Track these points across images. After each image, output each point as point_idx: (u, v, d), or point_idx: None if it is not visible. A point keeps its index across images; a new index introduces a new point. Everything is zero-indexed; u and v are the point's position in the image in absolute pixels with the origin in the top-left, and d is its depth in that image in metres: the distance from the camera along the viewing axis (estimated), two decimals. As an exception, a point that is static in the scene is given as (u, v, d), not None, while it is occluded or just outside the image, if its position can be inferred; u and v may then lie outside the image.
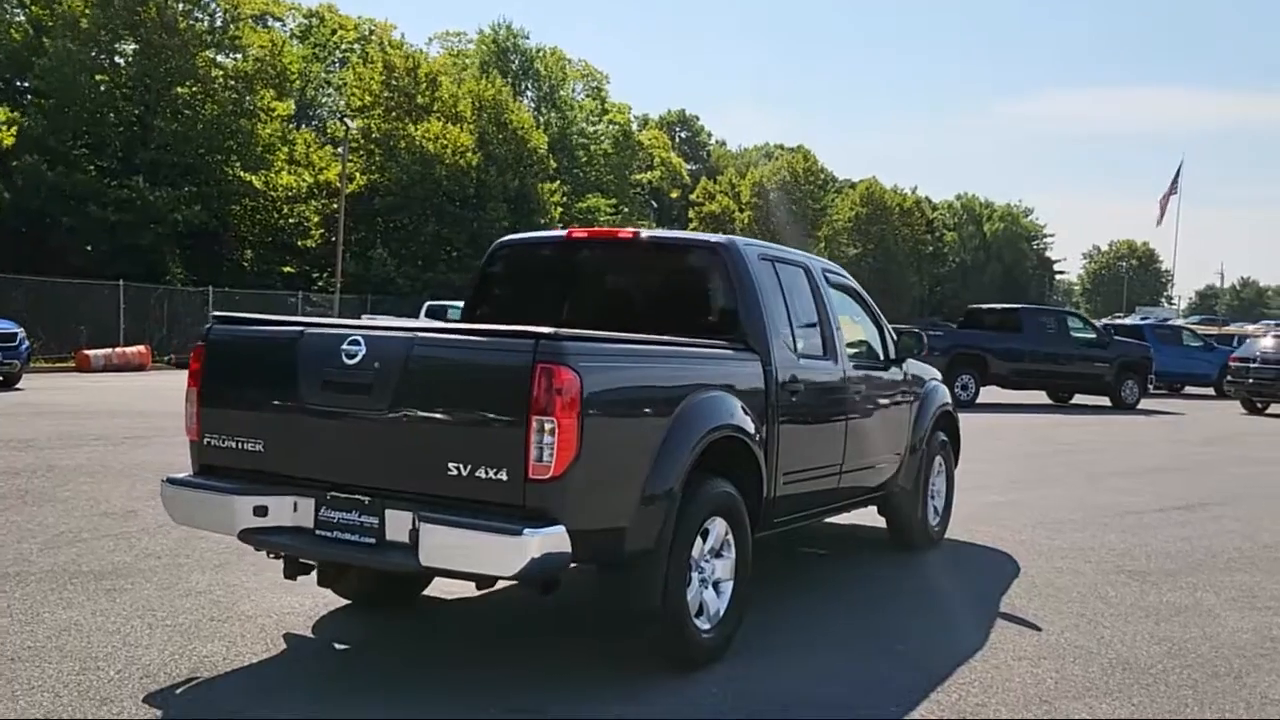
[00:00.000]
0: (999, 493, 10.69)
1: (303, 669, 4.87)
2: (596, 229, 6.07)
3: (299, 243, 40.37)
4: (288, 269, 39.94)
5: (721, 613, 5.03)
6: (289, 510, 4.61)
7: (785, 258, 6.16)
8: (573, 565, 4.22)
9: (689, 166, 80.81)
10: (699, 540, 4.86)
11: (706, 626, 4.94)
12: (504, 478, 4.13)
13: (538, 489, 4.10)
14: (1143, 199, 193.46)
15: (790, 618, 5.85)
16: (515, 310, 5.91)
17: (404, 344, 4.44)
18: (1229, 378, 25.55)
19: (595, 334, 4.50)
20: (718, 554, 5.04)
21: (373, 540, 4.42)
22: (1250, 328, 46.80)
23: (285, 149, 39.92)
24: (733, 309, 5.60)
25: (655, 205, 61.87)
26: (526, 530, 4.01)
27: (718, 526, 5.00)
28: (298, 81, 43.91)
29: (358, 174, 39.54)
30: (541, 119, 50.31)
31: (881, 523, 7.84)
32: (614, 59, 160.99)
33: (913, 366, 7.70)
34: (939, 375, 8.38)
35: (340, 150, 38.29)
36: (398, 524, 4.37)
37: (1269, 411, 23.86)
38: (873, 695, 4.77)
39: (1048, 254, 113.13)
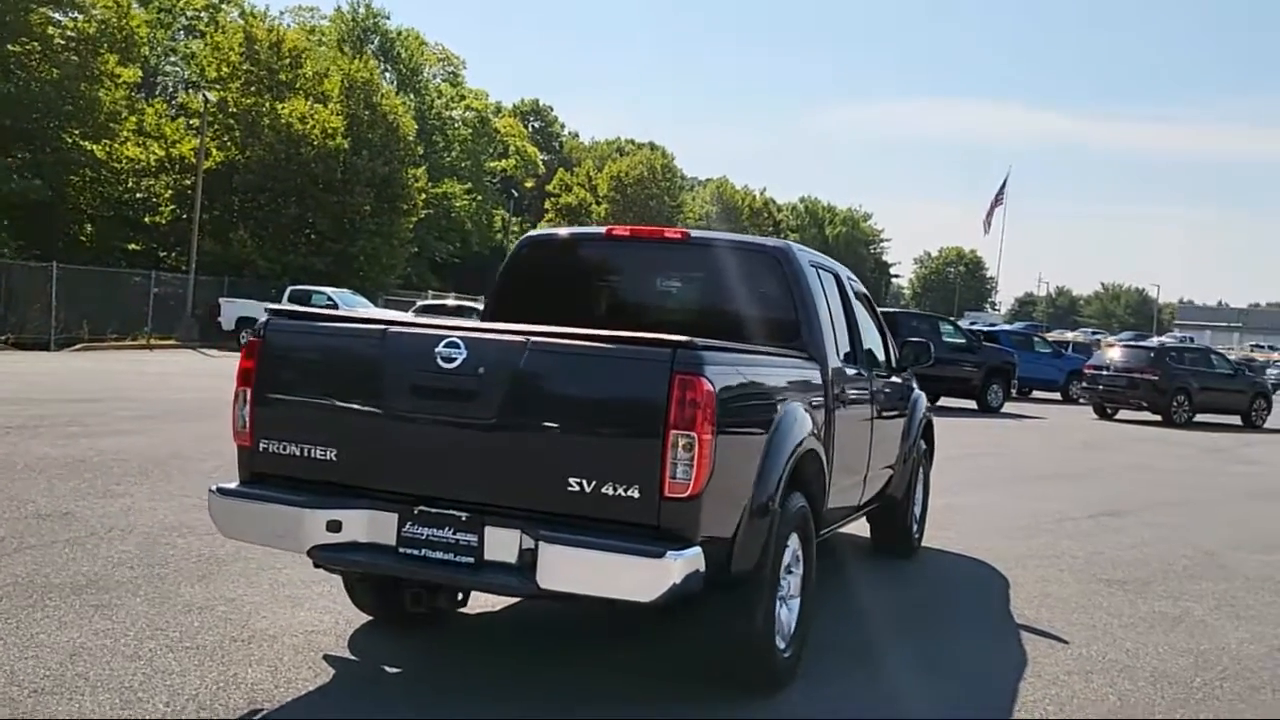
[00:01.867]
0: (937, 496, 10.86)
1: (370, 697, 4.48)
2: (639, 228, 5.78)
3: (147, 219, 38.10)
4: (133, 246, 37.64)
5: (793, 630, 4.88)
6: (366, 525, 4.22)
7: (823, 264, 6.06)
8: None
9: (543, 157, 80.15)
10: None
11: (783, 645, 4.78)
12: (635, 495, 3.86)
13: (673, 508, 3.85)
14: (972, 207, 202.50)
15: (822, 637, 5.73)
16: (543, 312, 5.59)
17: (515, 349, 4.10)
18: (1083, 384, 26.89)
19: (720, 343, 4.27)
20: (789, 569, 4.89)
21: (471, 560, 4.07)
22: (1110, 338, 49.72)
23: (133, 119, 37.58)
24: (793, 317, 5.44)
25: (515, 194, 61.02)
26: (670, 553, 3.76)
27: (793, 541, 4.84)
28: (144, 47, 41.43)
29: (214, 149, 37.59)
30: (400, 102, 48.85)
31: (850, 531, 7.80)
32: (469, 44, 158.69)
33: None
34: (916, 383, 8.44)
35: (195, 124, 36.34)
36: (499, 542, 4.04)
37: (1118, 417, 25.23)
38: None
39: (884, 258, 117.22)
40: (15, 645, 4.70)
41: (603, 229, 5.85)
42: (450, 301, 41.74)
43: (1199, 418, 24.80)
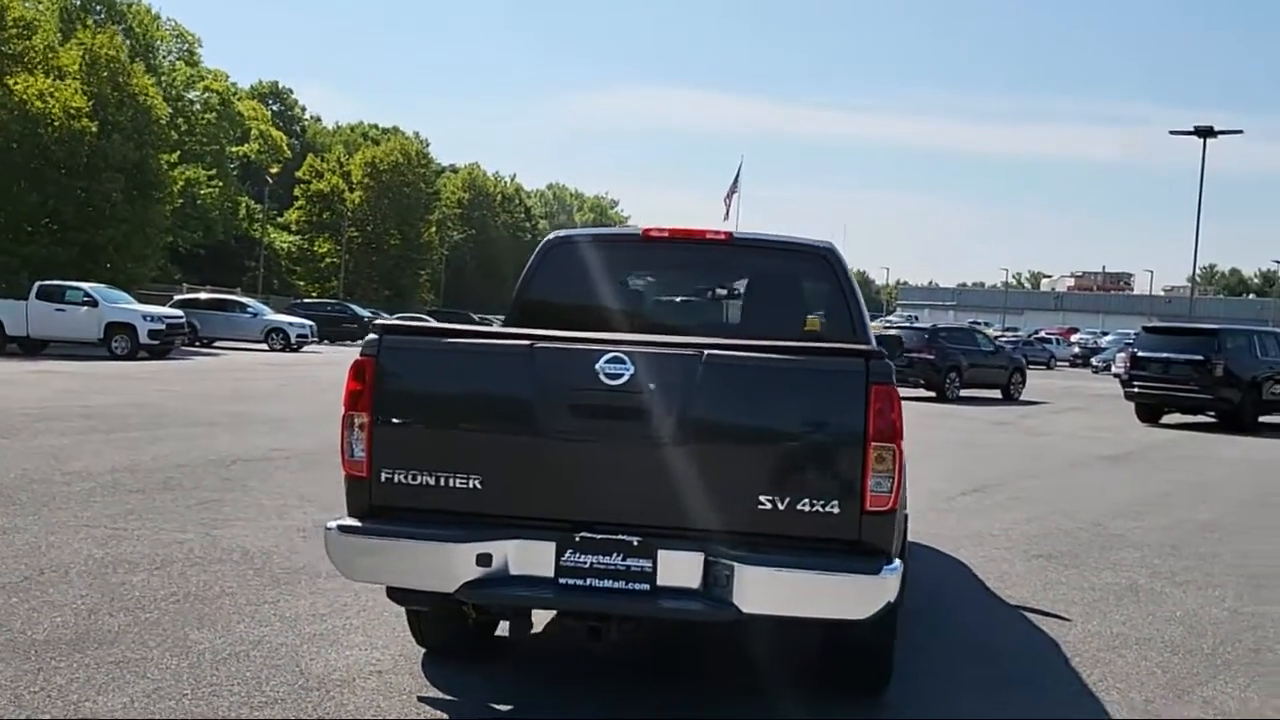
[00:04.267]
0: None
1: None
2: (678, 228, 5.61)
3: None
4: None
5: None
6: (517, 557, 3.90)
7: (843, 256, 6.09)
8: None
9: (288, 142, 76.56)
10: None
11: None
12: (835, 510, 3.76)
13: (874, 521, 3.78)
14: (711, 194, 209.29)
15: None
16: (573, 316, 5.38)
17: (687, 362, 3.89)
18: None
19: (882, 349, 4.21)
20: None
21: (646, 586, 3.85)
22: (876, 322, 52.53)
23: None
24: (846, 318, 5.45)
25: (269, 181, 57.91)
26: (886, 569, 3.69)
27: None
28: None
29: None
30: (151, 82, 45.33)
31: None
32: (201, 22, 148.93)
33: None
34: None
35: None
36: (674, 566, 3.83)
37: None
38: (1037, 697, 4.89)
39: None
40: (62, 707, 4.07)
41: (639, 229, 5.65)
42: (203, 296, 39.32)
43: (963, 392, 26.76)
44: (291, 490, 9.11)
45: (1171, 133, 42.88)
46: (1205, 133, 41.13)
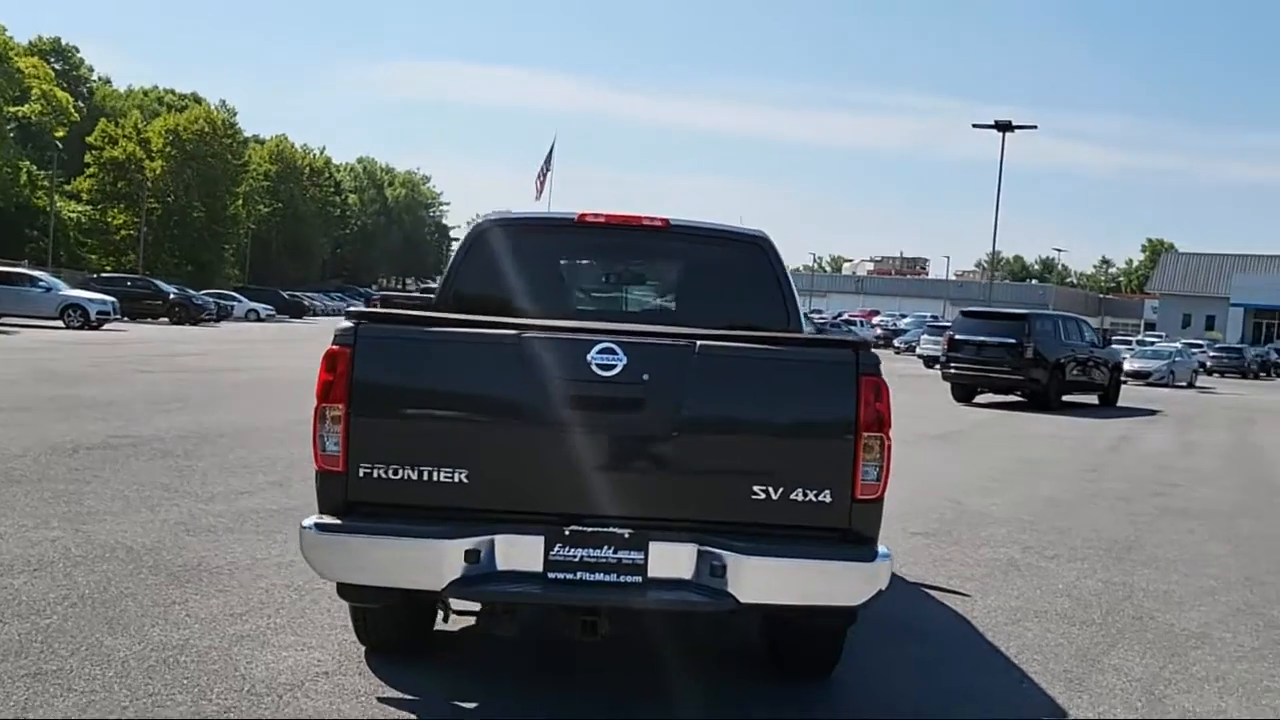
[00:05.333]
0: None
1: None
2: (614, 214, 5.54)
3: None
4: None
5: None
6: (505, 552, 3.80)
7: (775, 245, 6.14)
8: None
9: (75, 104, 71.60)
10: None
11: None
12: (827, 499, 3.82)
13: (863, 510, 3.87)
14: (521, 170, 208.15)
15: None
16: (505, 301, 5.28)
17: (680, 353, 3.86)
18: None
19: (869, 341, 4.28)
20: None
21: (638, 579, 3.82)
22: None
23: None
24: (780, 305, 5.51)
25: (58, 146, 53.91)
26: (879, 557, 3.78)
27: None
28: None
29: None
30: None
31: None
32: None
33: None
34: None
35: None
36: (665, 557, 3.82)
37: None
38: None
39: (444, 221, 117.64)
40: (0, 739, 3.73)
41: (573, 213, 5.54)
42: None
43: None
44: (151, 480, 8.58)
45: (974, 126, 45.34)
46: (1004, 127, 43.59)
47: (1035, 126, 45.76)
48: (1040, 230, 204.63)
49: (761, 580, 3.76)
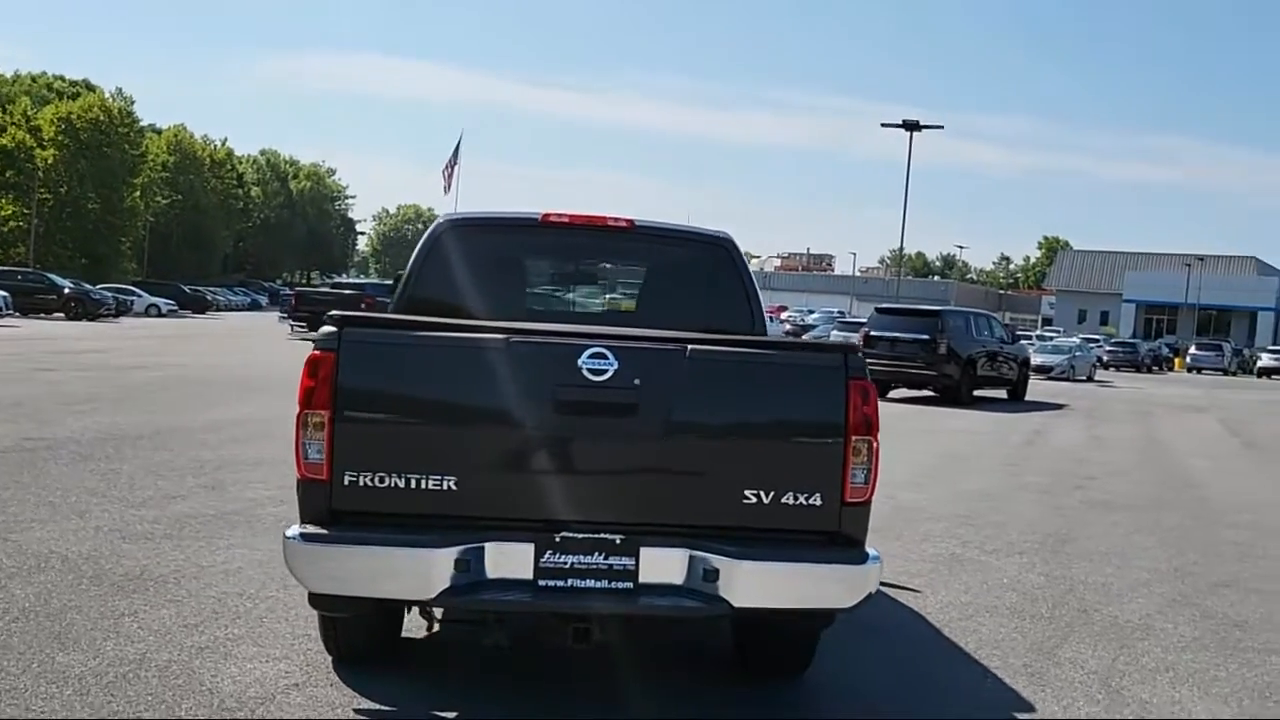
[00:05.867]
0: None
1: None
2: (578, 214, 5.47)
3: None
4: None
5: None
6: (494, 560, 3.74)
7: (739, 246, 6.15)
8: None
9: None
10: None
11: None
12: (817, 503, 3.84)
13: (852, 513, 3.89)
14: (429, 165, 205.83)
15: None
16: (466, 301, 5.21)
17: (672, 357, 3.83)
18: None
19: (856, 346, 4.29)
20: None
21: (629, 585, 3.78)
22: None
23: None
24: (744, 306, 5.51)
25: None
26: (870, 559, 3.81)
27: None
28: None
29: None
30: None
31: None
32: None
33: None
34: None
35: None
36: (656, 563, 3.79)
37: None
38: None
39: (350, 215, 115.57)
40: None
41: (536, 213, 5.47)
42: None
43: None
44: (75, 485, 8.26)
45: (883, 125, 46.16)
46: (912, 127, 44.39)
47: (942, 126, 46.76)
48: (942, 228, 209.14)
49: (755, 585, 3.76)
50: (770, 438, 3.93)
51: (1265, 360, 55.80)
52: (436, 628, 4.06)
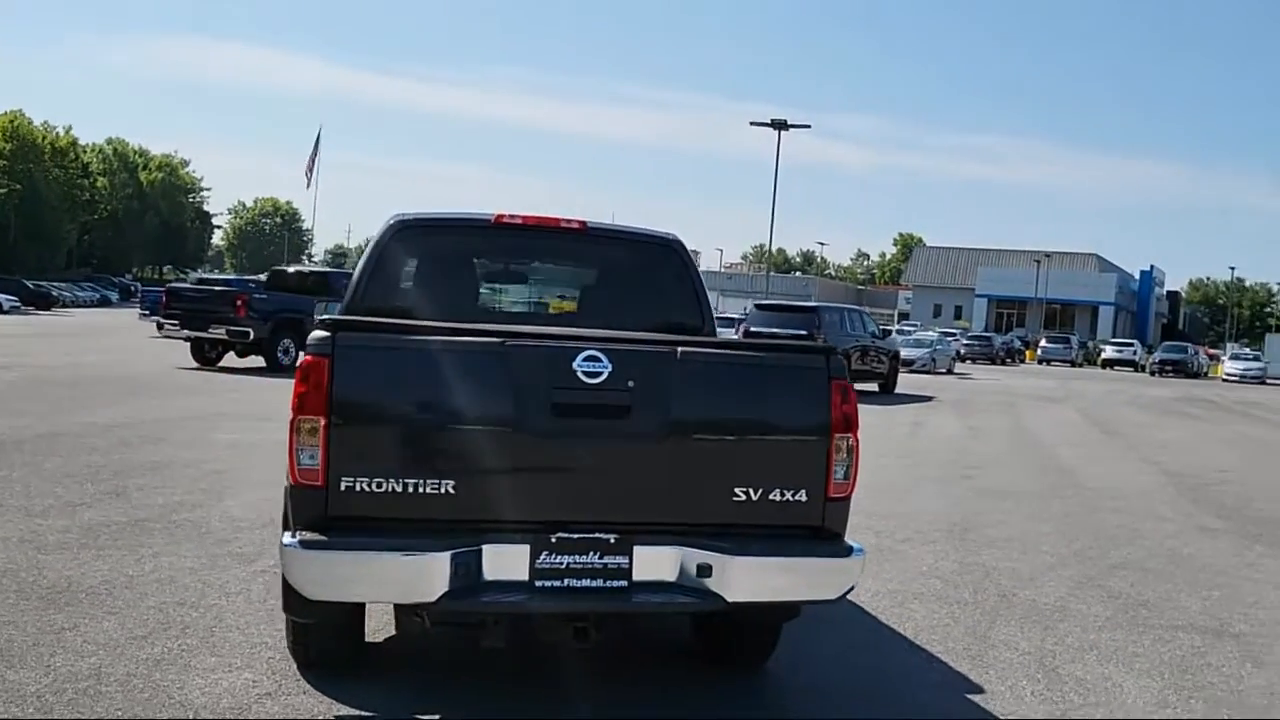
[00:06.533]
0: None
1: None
2: (531, 215, 5.47)
3: None
4: None
5: None
6: (491, 562, 3.76)
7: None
8: None
9: None
10: None
11: None
12: (803, 499, 3.97)
13: (835, 508, 4.05)
14: (287, 157, 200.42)
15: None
16: (420, 302, 5.20)
17: (663, 359, 3.91)
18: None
19: (836, 347, 4.42)
20: None
21: (624, 583, 3.85)
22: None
23: None
24: (695, 307, 5.61)
25: None
26: (855, 552, 3.97)
27: None
28: None
29: None
30: None
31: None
32: None
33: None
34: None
35: None
36: (648, 561, 3.88)
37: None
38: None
39: (206, 208, 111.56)
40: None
41: (489, 214, 5.45)
42: None
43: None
44: (-33, 494, 7.86)
45: (752, 124, 46.84)
46: (780, 125, 45.32)
47: (809, 126, 48.11)
48: (801, 224, 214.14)
49: (749, 579, 3.87)
50: (757, 436, 4.05)
51: (1108, 352, 58.94)
52: (429, 626, 4.05)
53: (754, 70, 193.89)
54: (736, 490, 3.94)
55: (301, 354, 3.78)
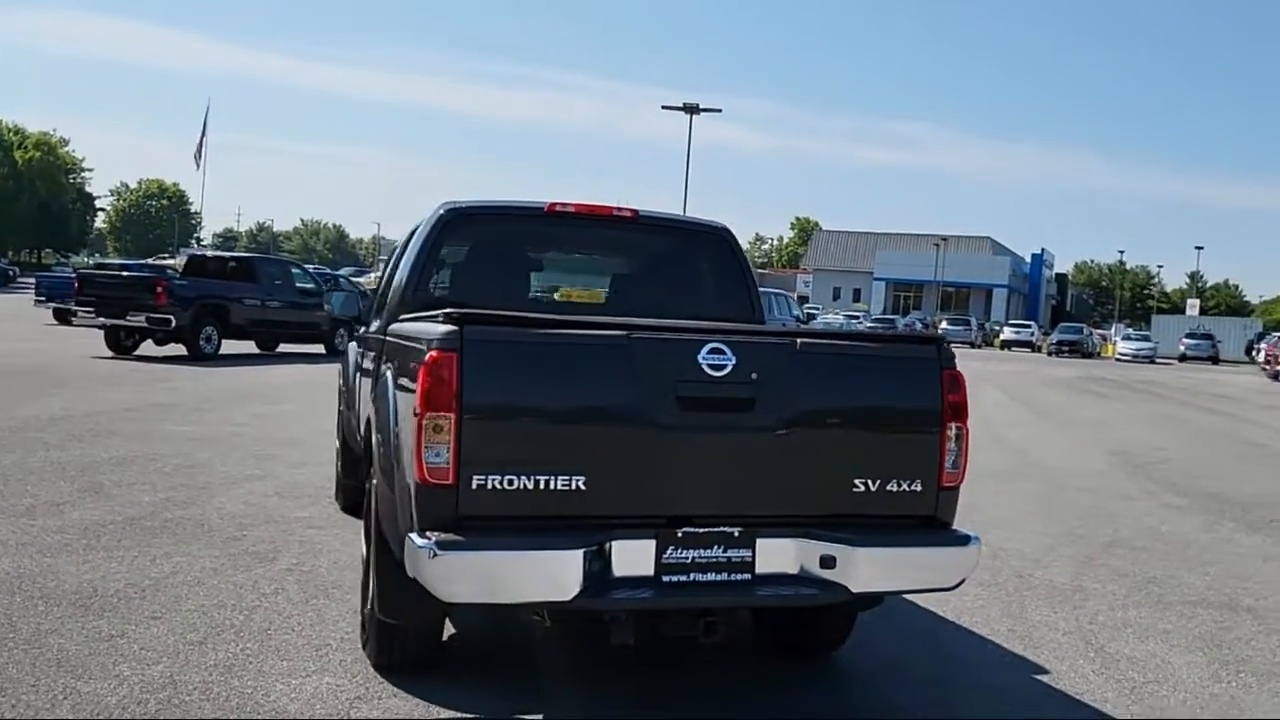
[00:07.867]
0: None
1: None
2: (583, 204, 5.37)
3: None
4: None
5: None
6: (619, 558, 3.69)
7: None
8: None
9: None
10: None
11: None
12: (918, 489, 3.99)
13: (947, 497, 4.07)
14: (174, 138, 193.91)
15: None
16: (474, 291, 5.10)
17: (783, 351, 3.87)
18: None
19: (943, 336, 4.42)
20: None
21: (748, 576, 3.82)
22: None
23: None
24: (745, 296, 5.60)
25: None
26: (972, 540, 4.00)
27: None
28: None
29: None
30: None
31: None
32: None
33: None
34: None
35: None
36: (770, 553, 3.85)
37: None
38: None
39: (88, 189, 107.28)
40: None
41: (542, 203, 5.33)
42: None
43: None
44: (-65, 495, 7.44)
45: (664, 107, 47.10)
46: (692, 110, 45.51)
47: (720, 110, 48.16)
48: (697, 207, 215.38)
49: (873, 570, 3.87)
50: (875, 427, 4.05)
51: (1007, 334, 60.75)
52: (547, 624, 3.96)
53: (648, 54, 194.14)
54: (856, 481, 3.93)
55: (428, 348, 3.63)
